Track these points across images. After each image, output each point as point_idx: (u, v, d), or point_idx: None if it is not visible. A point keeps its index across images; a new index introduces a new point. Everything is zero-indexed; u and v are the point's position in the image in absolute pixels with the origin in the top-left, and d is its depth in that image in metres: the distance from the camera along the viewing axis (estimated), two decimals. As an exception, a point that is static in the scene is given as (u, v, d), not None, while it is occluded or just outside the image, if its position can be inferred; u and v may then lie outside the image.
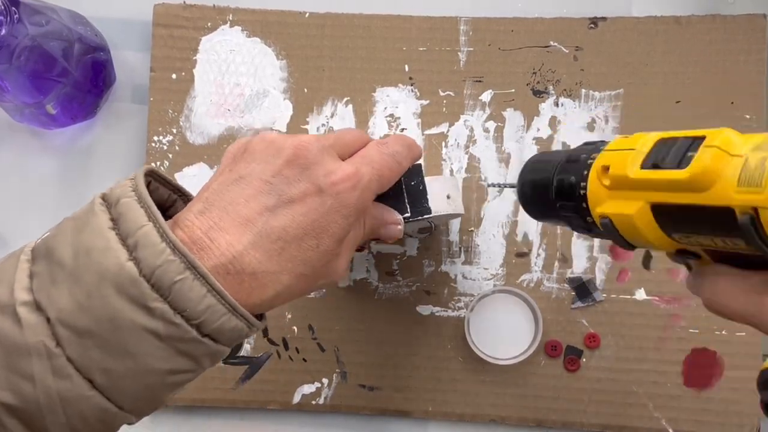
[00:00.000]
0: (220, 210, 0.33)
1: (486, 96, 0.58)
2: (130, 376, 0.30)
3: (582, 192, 0.34)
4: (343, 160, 0.37)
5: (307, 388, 0.57)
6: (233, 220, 0.32)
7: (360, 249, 0.46)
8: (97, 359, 0.30)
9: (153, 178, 0.36)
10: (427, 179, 0.46)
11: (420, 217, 0.44)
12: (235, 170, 0.35)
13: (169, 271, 0.29)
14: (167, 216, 0.35)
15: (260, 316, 0.35)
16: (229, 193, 0.33)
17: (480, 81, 0.58)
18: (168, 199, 0.38)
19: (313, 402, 0.57)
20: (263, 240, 0.33)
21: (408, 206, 0.44)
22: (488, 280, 0.57)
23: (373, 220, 0.40)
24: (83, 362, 0.30)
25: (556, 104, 0.57)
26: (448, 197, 0.47)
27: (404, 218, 0.44)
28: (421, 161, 0.44)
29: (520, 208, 0.57)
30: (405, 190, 0.44)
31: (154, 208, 0.31)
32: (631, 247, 0.34)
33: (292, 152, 0.34)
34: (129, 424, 0.33)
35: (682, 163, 0.28)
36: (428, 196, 0.45)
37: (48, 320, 0.30)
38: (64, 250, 0.30)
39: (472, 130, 0.58)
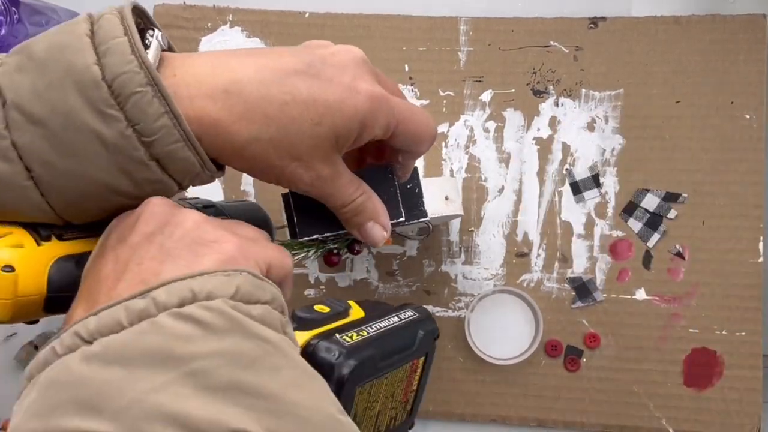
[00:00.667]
0: (229, 54, 0.32)
1: (486, 96, 0.58)
2: (67, 177, 0.30)
3: None
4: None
5: (308, 388, 0.57)
6: (244, 56, 0.32)
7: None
8: (41, 150, 0.30)
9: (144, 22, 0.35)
10: (424, 181, 0.45)
11: (415, 221, 0.44)
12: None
13: (131, 81, 0.29)
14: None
15: (220, 167, 0.34)
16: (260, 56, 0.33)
17: (480, 81, 0.58)
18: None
19: (314, 402, 0.57)
20: (261, 85, 0.32)
21: (403, 210, 0.43)
22: (488, 280, 0.57)
23: (370, 202, 0.38)
24: (27, 150, 0.30)
25: (556, 104, 0.57)
26: (447, 198, 0.47)
27: (399, 222, 0.43)
28: (417, 164, 0.43)
29: (521, 207, 0.57)
30: (400, 194, 0.43)
31: (133, 27, 0.30)
32: None
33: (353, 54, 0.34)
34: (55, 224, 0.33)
35: None
36: (424, 199, 0.45)
37: (3, 104, 0.30)
38: (40, 45, 0.31)
39: (472, 130, 0.58)
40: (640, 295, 0.56)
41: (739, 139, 0.56)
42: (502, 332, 0.56)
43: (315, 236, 0.41)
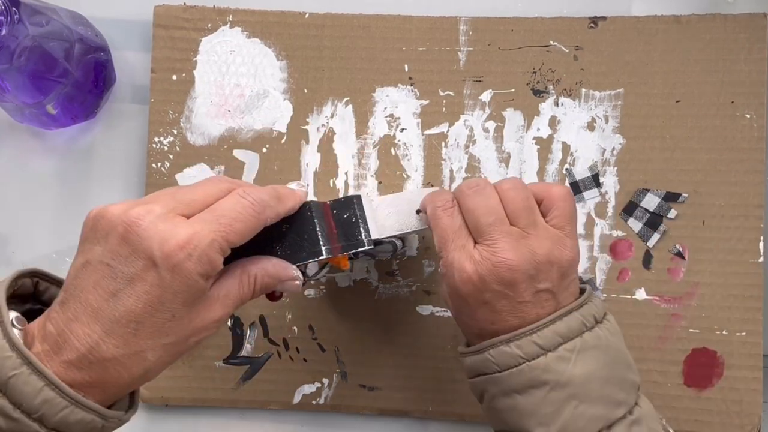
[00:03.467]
0: (75, 300, 0.34)
1: (486, 96, 0.58)
2: None
3: None
4: (192, 215, 0.36)
5: (308, 388, 0.57)
6: (85, 309, 0.33)
7: (273, 298, 0.45)
8: None
9: (40, 278, 0.38)
10: (389, 197, 0.45)
11: (354, 250, 0.44)
12: (83, 253, 0.35)
13: (5, 366, 0.31)
14: None
15: (132, 404, 0.37)
16: (80, 281, 0.34)
17: (480, 81, 0.58)
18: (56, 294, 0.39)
19: (313, 402, 0.57)
20: (114, 326, 0.33)
21: (331, 243, 0.42)
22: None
23: (265, 277, 0.39)
24: None
25: (556, 104, 0.57)
26: (419, 212, 0.47)
27: (320, 259, 0.42)
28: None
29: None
30: (328, 228, 0.43)
31: (3, 310, 0.33)
32: None
33: (123, 228, 0.34)
34: None
35: None
36: (369, 224, 0.44)
37: None
38: None
39: (471, 130, 0.58)
40: (640, 295, 0.56)
41: (739, 139, 0.56)
42: (502, 332, 0.56)
43: None
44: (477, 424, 0.57)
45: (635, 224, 0.56)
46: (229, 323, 0.58)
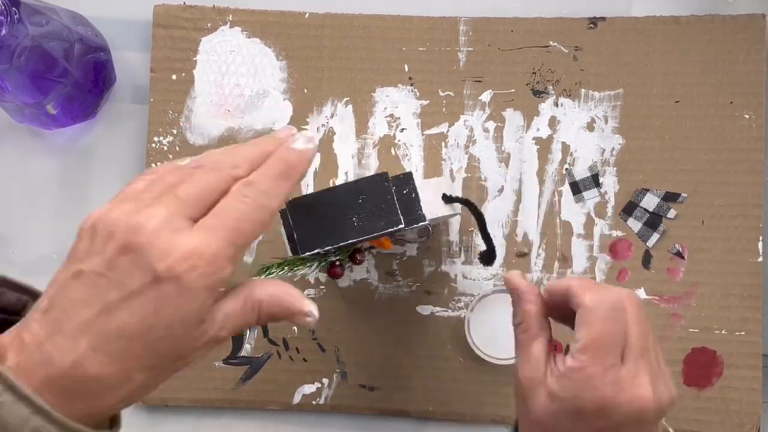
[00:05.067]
0: (60, 310, 0.31)
1: (486, 96, 0.58)
2: None
3: None
4: (200, 218, 0.33)
5: (308, 388, 0.57)
6: (72, 322, 0.30)
7: (357, 261, 0.44)
8: None
9: (1, 284, 0.35)
10: (420, 182, 0.45)
11: (414, 225, 0.44)
12: (77, 261, 0.32)
13: None
14: (21, 316, 0.34)
15: (114, 421, 0.34)
16: (69, 291, 0.31)
17: (480, 81, 0.58)
18: (18, 302, 0.36)
19: (313, 402, 0.57)
20: (103, 342, 0.30)
21: (401, 216, 0.43)
22: (488, 280, 0.57)
23: (273, 306, 0.35)
24: None
25: (556, 104, 0.57)
26: (446, 199, 0.47)
27: (399, 229, 0.43)
28: (412, 169, 0.43)
29: (521, 207, 0.57)
30: (397, 200, 0.42)
31: None
32: None
33: (124, 237, 0.31)
34: None
35: None
36: (421, 203, 0.44)
37: None
38: None
39: (471, 130, 0.58)
40: (640, 294, 0.56)
41: (738, 139, 0.56)
42: (502, 332, 0.56)
43: (316, 251, 0.41)
44: (477, 424, 0.57)
45: (635, 224, 0.56)
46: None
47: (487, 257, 0.49)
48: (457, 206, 0.49)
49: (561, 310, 0.39)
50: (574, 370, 0.36)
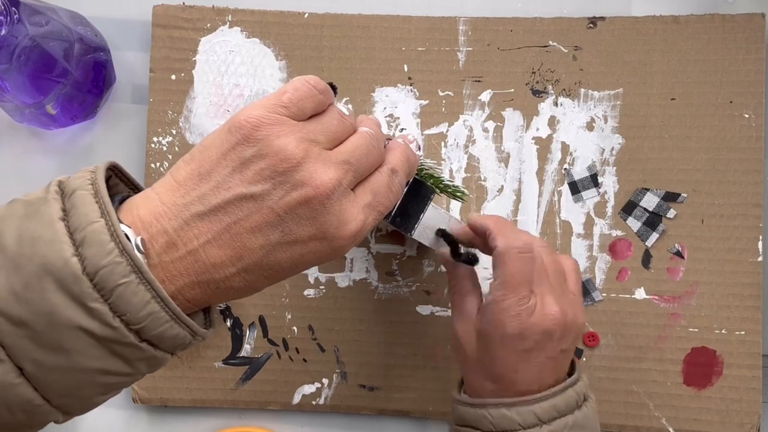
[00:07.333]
0: (218, 224, 0.32)
1: (485, 96, 0.58)
2: (60, 371, 0.29)
3: None
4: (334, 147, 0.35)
5: (307, 389, 0.57)
6: (232, 239, 0.32)
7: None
8: (28, 349, 0.29)
9: (114, 173, 0.35)
10: (433, 206, 0.47)
11: (400, 229, 0.46)
12: (252, 182, 0.32)
13: (114, 273, 0.28)
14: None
15: (209, 322, 0.35)
16: (237, 209, 0.32)
17: (479, 81, 0.58)
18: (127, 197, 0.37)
19: (313, 402, 0.57)
20: (255, 268, 0.33)
21: (400, 217, 0.46)
22: (488, 279, 0.57)
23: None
24: (15, 350, 0.29)
25: (556, 104, 0.57)
26: (439, 233, 0.48)
27: (410, 235, 0.46)
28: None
29: (520, 207, 0.57)
30: (406, 198, 0.45)
31: (110, 206, 0.30)
32: None
33: (312, 191, 0.32)
34: (56, 422, 0.32)
35: None
36: (421, 220, 0.47)
37: None
38: (9, 234, 0.29)
39: (471, 130, 0.58)
40: (640, 294, 0.56)
41: (738, 139, 0.56)
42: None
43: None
44: (477, 424, 0.57)
45: (634, 224, 0.56)
46: (228, 323, 0.58)
47: (470, 261, 0.49)
48: (445, 246, 0.49)
49: (482, 241, 0.47)
50: (494, 302, 0.43)
